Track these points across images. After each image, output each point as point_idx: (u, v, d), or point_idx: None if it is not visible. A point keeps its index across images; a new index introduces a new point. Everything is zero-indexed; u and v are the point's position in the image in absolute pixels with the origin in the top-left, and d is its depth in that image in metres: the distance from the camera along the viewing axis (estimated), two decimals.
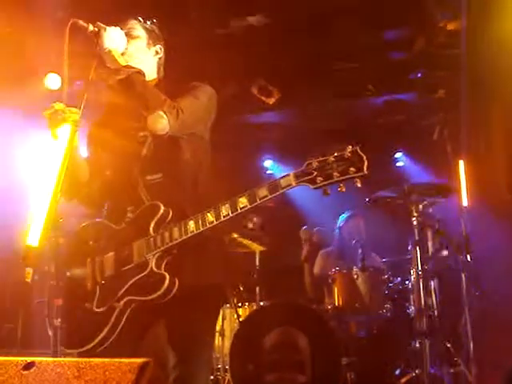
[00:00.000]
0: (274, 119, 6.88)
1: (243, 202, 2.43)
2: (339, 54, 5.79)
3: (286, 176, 2.40)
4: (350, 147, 2.32)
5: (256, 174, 7.43)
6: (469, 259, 4.78)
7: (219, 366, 5.28)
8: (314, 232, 6.22)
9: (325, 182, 2.32)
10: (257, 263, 6.09)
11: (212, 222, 2.47)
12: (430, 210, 5.22)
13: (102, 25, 2.69)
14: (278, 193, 2.40)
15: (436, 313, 5.02)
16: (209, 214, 2.47)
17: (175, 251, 2.56)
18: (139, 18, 2.97)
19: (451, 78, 5.92)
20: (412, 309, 5.10)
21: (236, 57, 5.87)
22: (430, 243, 5.58)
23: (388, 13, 5.24)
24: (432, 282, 5.13)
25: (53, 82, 5.53)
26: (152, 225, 2.58)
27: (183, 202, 2.66)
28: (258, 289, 5.84)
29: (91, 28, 2.65)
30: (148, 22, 2.98)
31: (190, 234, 2.50)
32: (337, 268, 5.48)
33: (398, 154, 7.40)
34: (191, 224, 2.50)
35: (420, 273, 4.89)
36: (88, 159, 2.87)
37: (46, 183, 2.35)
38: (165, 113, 2.59)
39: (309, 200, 6.03)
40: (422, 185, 5.11)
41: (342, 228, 6.09)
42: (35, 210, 2.33)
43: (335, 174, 2.30)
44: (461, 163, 5.64)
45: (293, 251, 6.45)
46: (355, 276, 5.35)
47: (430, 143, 6.48)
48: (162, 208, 2.59)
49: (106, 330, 2.56)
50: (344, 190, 2.33)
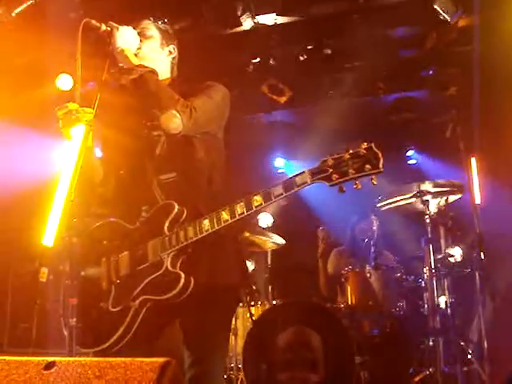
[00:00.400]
0: (285, 118, 6.88)
1: (258, 200, 2.43)
2: (350, 52, 5.77)
3: (301, 173, 2.39)
4: (364, 144, 2.31)
5: (268, 173, 7.42)
6: (482, 257, 4.76)
7: (232, 365, 5.28)
8: (330, 231, 6.20)
9: (340, 180, 2.31)
10: (269, 262, 6.09)
11: (227, 220, 2.46)
12: (443, 207, 5.19)
13: (114, 24, 2.69)
14: (293, 191, 2.39)
15: (449, 311, 5.00)
16: (224, 212, 2.47)
17: (190, 250, 2.56)
18: (152, 18, 2.97)
19: (463, 75, 5.89)
20: (425, 307, 5.08)
21: (246, 55, 5.88)
22: (442, 241, 5.57)
23: (399, 10, 5.21)
24: (445, 280, 5.12)
25: (64, 82, 5.56)
26: (166, 224, 2.59)
27: (197, 201, 2.66)
28: (270, 288, 5.84)
29: (104, 28, 2.66)
30: (161, 22, 2.98)
31: (205, 233, 2.49)
32: (350, 267, 5.47)
33: (410, 152, 7.37)
34: (206, 223, 2.50)
35: (433, 271, 4.87)
36: (102, 159, 2.88)
37: (60, 183, 2.36)
38: (178, 112, 2.59)
39: (322, 198, 6.01)
40: (435, 183, 5.08)
41: (355, 226, 6.07)
42: (50, 211, 2.34)
43: (351, 171, 2.30)
44: (473, 160, 5.61)
45: (305, 250, 6.43)
46: (368, 274, 5.33)
47: (443, 141, 6.44)
48: (177, 207, 2.59)
49: (121, 329, 2.56)
50: (360, 187, 2.32)
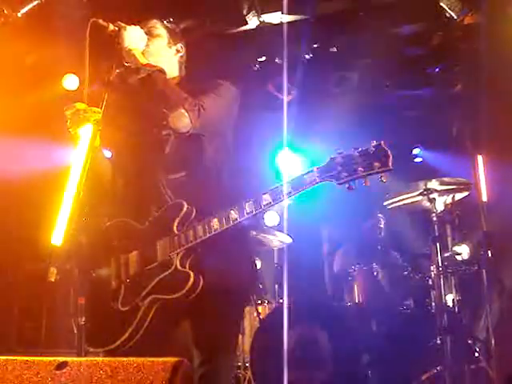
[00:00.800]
0: (290, 116, 6.86)
1: (267, 198, 2.43)
2: (356, 51, 5.76)
3: (310, 172, 2.39)
4: (374, 142, 2.31)
5: (275, 171, 7.40)
6: (489, 255, 4.75)
7: (239, 363, 5.28)
8: (335, 230, 6.20)
9: (349, 178, 2.31)
10: (275, 260, 6.09)
11: (236, 219, 2.47)
12: (450, 205, 5.18)
13: (122, 24, 2.69)
14: (302, 189, 2.39)
15: (457, 309, 4.99)
16: (232, 211, 2.47)
17: (200, 249, 2.56)
18: (159, 18, 2.97)
19: (469, 72, 5.87)
20: (432, 305, 5.07)
21: (251, 54, 5.87)
22: (449, 239, 5.56)
23: (405, 8, 5.20)
24: (452, 279, 5.11)
25: (71, 82, 5.58)
26: (176, 223, 2.59)
27: (207, 200, 2.66)
28: (277, 286, 5.84)
29: (111, 27, 2.66)
30: (168, 21, 2.98)
31: (214, 232, 2.49)
32: (357, 265, 5.46)
33: (417, 150, 7.35)
34: (215, 222, 2.50)
35: (440, 269, 4.86)
36: (111, 159, 2.88)
37: (69, 183, 2.37)
38: (186, 111, 2.59)
39: (328, 196, 6.00)
40: (441, 181, 5.07)
41: (362, 225, 6.07)
42: (59, 210, 2.34)
43: (360, 169, 2.29)
44: (480, 158, 5.60)
45: (312, 248, 6.43)
46: (375, 273, 5.33)
47: (449, 139, 6.44)
48: (186, 206, 2.59)
49: (130, 328, 2.56)
50: (369, 183, 2.32)
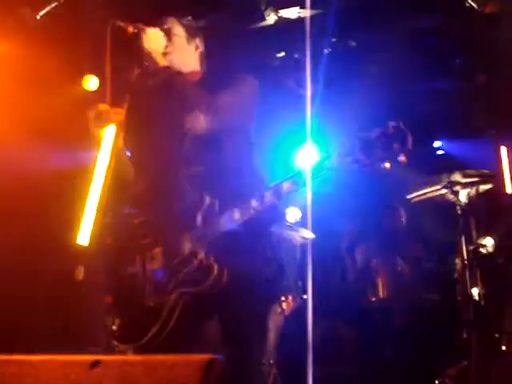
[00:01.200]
0: (311, 111, 6.83)
1: (287, 186, 2.43)
2: (376, 44, 5.72)
3: (328, 157, 2.39)
4: (392, 123, 2.28)
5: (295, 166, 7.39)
6: None
7: (264, 360, 5.28)
8: (356, 225, 6.18)
9: (368, 161, 2.30)
10: (298, 256, 6.08)
11: (256, 207, 2.47)
12: (474, 198, 5.13)
13: (141, 26, 2.70)
14: (321, 173, 2.38)
15: (483, 302, 4.94)
16: (253, 200, 2.48)
17: (223, 242, 2.57)
18: (176, 16, 2.97)
19: (492, 62, 5.80)
20: (458, 299, 5.03)
21: (270, 50, 5.87)
22: (474, 232, 5.50)
23: None
24: (478, 271, 5.06)
25: (91, 83, 5.60)
26: (198, 217, 2.60)
27: (227, 194, 2.66)
28: (300, 282, 5.83)
29: (131, 29, 2.67)
30: (185, 19, 2.98)
31: (235, 223, 2.51)
32: (379, 259, 5.44)
33: (439, 143, 7.29)
34: (237, 212, 2.51)
35: (465, 262, 4.81)
36: (132, 158, 2.90)
37: (93, 183, 2.39)
38: (202, 112, 2.61)
39: (349, 191, 5.98)
40: (465, 173, 5.02)
41: (383, 219, 6.04)
42: (84, 210, 2.36)
43: (378, 151, 2.27)
44: (503, 150, 5.55)
45: (334, 243, 6.41)
46: (398, 267, 5.30)
47: (471, 130, 6.38)
48: (208, 199, 2.60)
49: (158, 324, 2.59)
50: (388, 166, 2.29)
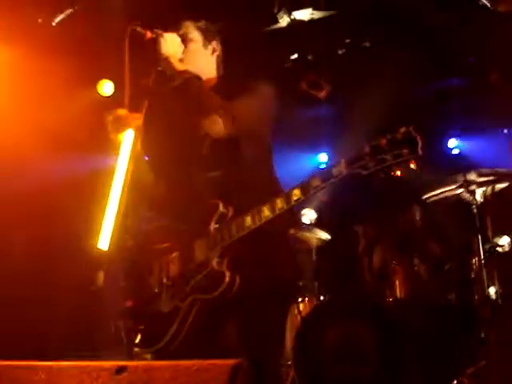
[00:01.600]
0: (325, 113, 6.84)
1: (297, 193, 2.43)
2: (389, 43, 5.71)
3: (337, 164, 2.38)
4: (402, 128, 2.27)
5: (312, 169, 7.41)
6: None
7: (282, 362, 5.28)
8: (370, 226, 6.16)
9: (377, 167, 2.28)
10: (314, 258, 6.07)
11: (268, 216, 2.47)
12: (490, 196, 5.10)
13: (159, 31, 2.71)
14: (330, 181, 2.38)
15: (500, 301, 4.91)
16: (264, 208, 2.48)
17: (236, 248, 2.57)
18: (192, 20, 2.98)
19: (504, 60, 5.77)
20: (475, 298, 5.00)
21: (284, 52, 5.88)
22: (490, 231, 5.47)
23: None
24: (495, 271, 5.02)
25: (106, 88, 5.65)
26: (212, 223, 2.60)
27: (243, 199, 2.67)
28: (316, 284, 5.82)
29: (149, 34, 2.68)
30: (200, 22, 2.98)
31: (247, 230, 2.51)
32: (396, 260, 5.41)
33: (453, 141, 7.24)
34: (248, 220, 2.51)
35: (482, 261, 4.79)
36: (151, 163, 2.92)
37: (112, 188, 2.40)
38: (220, 117, 2.61)
39: (364, 191, 5.97)
40: (480, 172, 4.99)
41: (399, 219, 6.00)
42: (104, 215, 2.38)
43: (387, 157, 2.25)
44: None
45: (350, 245, 6.39)
46: (415, 267, 5.27)
47: (487, 128, 6.34)
48: (222, 206, 2.61)
49: (172, 329, 2.60)
50: (398, 173, 2.29)
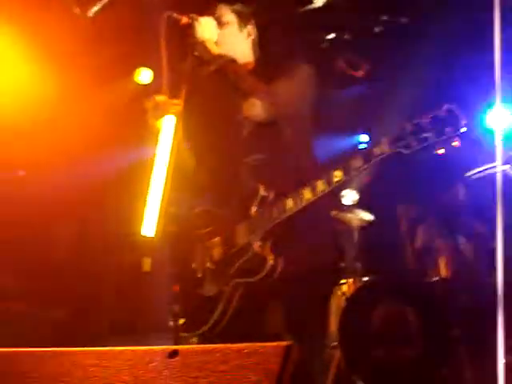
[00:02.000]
0: (363, 92, 6.76)
1: (338, 175, 2.41)
2: (427, 19, 5.60)
3: (378, 143, 2.35)
4: (445, 106, 2.24)
5: (352, 149, 7.34)
6: None
7: (327, 343, 5.28)
8: (412, 206, 6.10)
9: (420, 146, 2.25)
10: (355, 239, 6.05)
11: (309, 198, 2.46)
12: None
13: (194, 16, 2.71)
14: (372, 161, 2.35)
15: None
16: (305, 190, 2.47)
17: (278, 231, 2.57)
18: (226, 2, 2.96)
19: None
20: None
21: (320, 32, 5.81)
22: None
23: None
24: None
25: (144, 76, 5.69)
26: (253, 207, 2.61)
27: (285, 182, 2.67)
28: (358, 264, 5.80)
29: (185, 20, 2.68)
30: (235, 4, 2.96)
31: (288, 213, 2.50)
32: (440, 239, 5.36)
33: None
34: (289, 202, 2.50)
35: None
36: (192, 148, 2.93)
37: (155, 175, 2.43)
38: (259, 100, 2.61)
39: (406, 170, 5.90)
40: None
41: (442, 198, 5.94)
42: (147, 201, 2.41)
43: (430, 135, 2.23)
44: None
45: (391, 226, 6.35)
46: (460, 246, 5.21)
47: None
48: (262, 189, 2.61)
49: (216, 313, 2.62)
50: (441, 151, 2.26)
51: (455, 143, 2.22)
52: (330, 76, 6.02)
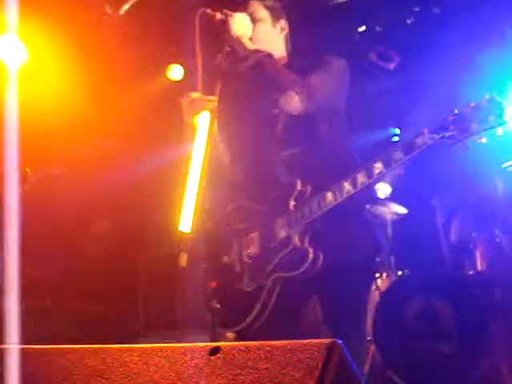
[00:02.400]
0: (395, 85, 6.68)
1: (378, 167, 2.39)
2: (461, 8, 5.50)
3: (420, 134, 2.32)
4: (487, 95, 2.20)
5: (383, 143, 7.28)
6: None
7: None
8: (446, 198, 6.03)
9: (463, 136, 2.23)
10: (389, 232, 5.99)
11: (349, 191, 2.44)
12: None
13: (228, 12, 2.70)
14: (414, 153, 2.33)
15: None
16: (346, 183, 2.45)
17: (318, 225, 2.56)
18: None
19: None
20: None
21: (351, 25, 5.76)
22: None
23: None
24: None
25: (175, 72, 5.70)
26: (291, 201, 2.60)
27: (321, 175, 2.66)
28: (392, 258, 5.75)
29: (219, 16, 2.68)
30: (267, 0, 2.95)
31: (328, 206, 2.49)
32: (476, 232, 5.27)
33: None
34: (329, 196, 2.49)
35: None
36: (226, 144, 2.93)
37: (191, 170, 2.44)
38: (296, 93, 2.60)
39: (440, 163, 5.82)
40: None
41: (478, 190, 5.84)
42: (183, 197, 2.42)
43: (473, 125, 2.19)
44: None
45: (426, 219, 6.28)
46: (497, 238, 5.12)
47: None
48: (300, 183, 2.60)
49: (257, 308, 2.62)
50: (485, 141, 2.22)
51: (499, 132, 2.19)
52: (362, 68, 5.97)
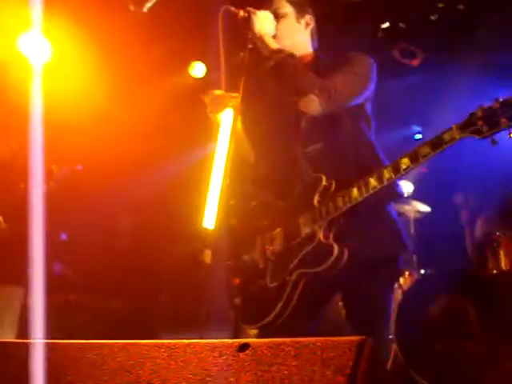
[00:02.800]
0: (419, 82, 6.62)
1: (405, 162, 2.36)
2: (484, 5, 5.44)
3: (448, 130, 2.29)
4: None
5: (405, 141, 7.23)
6: None
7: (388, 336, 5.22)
8: (469, 196, 5.96)
9: (492, 131, 2.19)
10: (412, 230, 5.95)
11: (375, 186, 2.42)
12: None
13: (251, 9, 2.69)
14: (441, 148, 2.29)
15: None
16: (371, 178, 2.43)
17: (342, 221, 2.54)
18: None
19: None
20: None
21: (374, 22, 5.72)
22: None
23: None
24: None
25: (198, 70, 5.72)
26: (316, 197, 2.58)
27: (346, 171, 2.64)
28: (415, 257, 5.71)
29: (242, 13, 2.67)
30: None
31: (354, 202, 2.46)
32: (501, 231, 5.20)
33: None
34: (354, 191, 2.46)
35: None
36: (250, 140, 2.93)
37: (214, 167, 2.44)
38: (316, 95, 2.58)
39: (464, 160, 5.77)
40: None
41: (503, 189, 5.78)
42: (207, 194, 2.43)
43: (502, 120, 2.16)
44: None
45: (448, 216, 6.22)
46: None
47: None
48: (324, 179, 2.59)
49: (280, 304, 2.60)
50: None
51: None
52: (386, 66, 5.92)
